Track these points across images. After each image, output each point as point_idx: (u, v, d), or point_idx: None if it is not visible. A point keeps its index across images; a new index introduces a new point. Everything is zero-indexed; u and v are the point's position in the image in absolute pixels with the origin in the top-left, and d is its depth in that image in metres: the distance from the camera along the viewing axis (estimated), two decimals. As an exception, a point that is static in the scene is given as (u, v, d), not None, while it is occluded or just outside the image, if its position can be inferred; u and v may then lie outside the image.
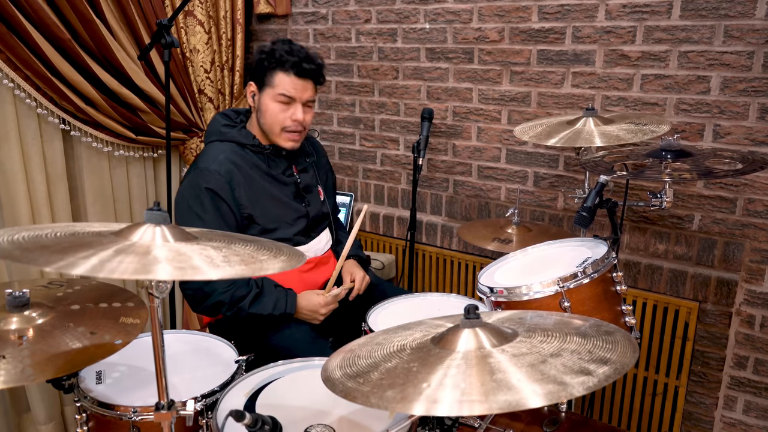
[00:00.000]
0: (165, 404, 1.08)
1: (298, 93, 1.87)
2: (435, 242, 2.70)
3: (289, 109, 1.88)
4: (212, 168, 1.83)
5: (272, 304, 1.81)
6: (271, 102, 1.87)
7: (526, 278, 1.52)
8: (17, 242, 0.98)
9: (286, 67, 1.85)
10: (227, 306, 1.78)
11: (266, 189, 1.91)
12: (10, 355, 1.06)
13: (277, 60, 1.85)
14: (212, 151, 1.90)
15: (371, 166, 2.89)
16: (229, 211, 1.83)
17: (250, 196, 1.87)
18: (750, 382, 2.08)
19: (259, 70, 1.88)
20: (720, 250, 2.08)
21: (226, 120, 1.97)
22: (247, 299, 1.79)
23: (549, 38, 2.26)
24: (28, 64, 2.11)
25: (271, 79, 1.86)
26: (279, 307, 1.81)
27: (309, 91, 1.90)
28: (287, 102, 1.87)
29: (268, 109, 1.88)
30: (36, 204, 2.25)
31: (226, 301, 1.77)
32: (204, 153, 1.92)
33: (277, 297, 1.83)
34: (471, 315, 1.01)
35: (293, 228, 1.97)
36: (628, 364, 0.89)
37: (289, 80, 1.85)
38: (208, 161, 1.86)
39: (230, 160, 1.86)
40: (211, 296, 1.77)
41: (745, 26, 1.91)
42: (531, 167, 2.43)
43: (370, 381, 0.92)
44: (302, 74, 1.86)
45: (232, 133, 1.92)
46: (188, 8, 2.58)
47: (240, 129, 1.94)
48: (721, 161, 1.60)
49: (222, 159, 1.85)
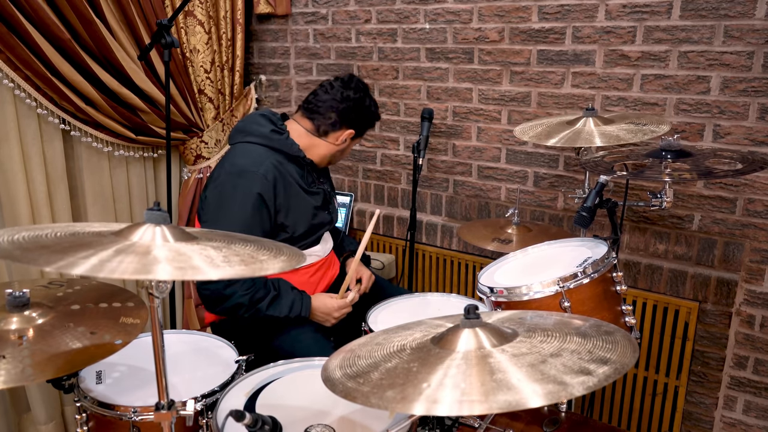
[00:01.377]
0: (165, 404, 1.08)
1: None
2: (435, 242, 2.70)
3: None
4: (260, 172, 1.82)
5: (288, 306, 1.83)
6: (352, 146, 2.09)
7: (526, 278, 1.52)
8: (17, 242, 0.98)
9: (373, 126, 2.11)
10: (246, 308, 1.78)
11: (301, 198, 1.93)
12: (10, 355, 1.06)
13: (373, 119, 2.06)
14: (253, 154, 1.87)
15: (371, 166, 2.89)
16: (267, 218, 1.84)
17: (287, 205, 1.88)
18: (750, 382, 2.08)
19: (363, 122, 2.02)
20: (720, 250, 2.08)
21: (271, 125, 1.93)
22: (265, 301, 1.80)
23: (549, 38, 2.26)
24: (28, 64, 2.11)
25: (365, 131, 2.06)
26: (295, 310, 1.83)
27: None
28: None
29: (347, 150, 2.06)
30: (36, 204, 2.25)
31: (245, 303, 1.78)
32: (242, 153, 1.88)
33: (293, 299, 1.85)
34: (471, 315, 1.01)
35: (317, 234, 2.00)
36: (628, 364, 0.89)
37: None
38: (255, 164, 1.83)
39: (276, 167, 1.85)
40: (231, 298, 1.77)
41: (745, 26, 1.91)
42: (531, 167, 2.43)
43: (370, 381, 0.92)
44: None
45: (281, 141, 1.90)
46: (188, 8, 2.58)
47: (287, 138, 1.92)
48: (721, 161, 1.60)
49: (269, 165, 1.84)
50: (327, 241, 2.10)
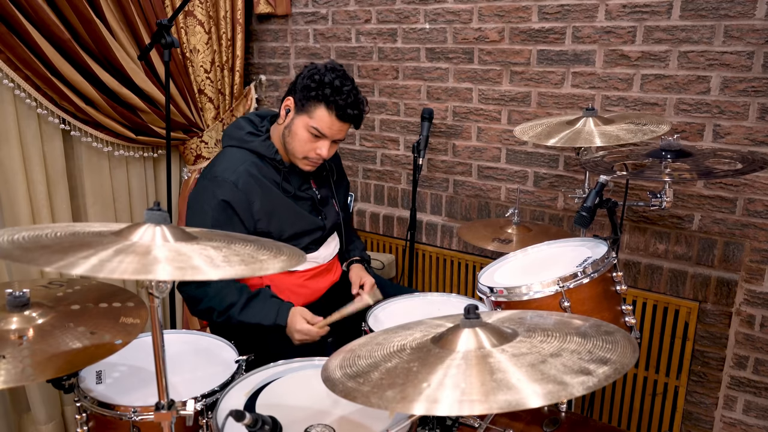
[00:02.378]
0: (165, 404, 1.08)
1: (332, 133, 1.80)
2: (435, 242, 2.70)
3: (317, 142, 1.80)
4: (230, 179, 1.77)
5: (262, 313, 1.76)
6: (303, 130, 1.79)
7: (526, 278, 1.51)
8: (17, 242, 0.98)
9: (330, 106, 1.75)
10: (217, 312, 1.75)
11: (283, 203, 1.86)
12: (10, 355, 1.05)
13: (325, 95, 1.74)
14: (231, 159, 1.83)
15: (371, 166, 2.89)
16: (240, 224, 1.79)
17: (267, 210, 1.83)
18: (750, 382, 2.08)
19: (304, 93, 1.77)
20: (720, 250, 2.08)
21: (251, 127, 1.89)
22: (236, 307, 1.74)
23: (549, 38, 2.26)
24: (28, 64, 2.11)
25: (312, 109, 1.77)
26: (269, 318, 1.75)
27: (343, 132, 1.83)
28: (318, 136, 1.79)
29: (297, 133, 1.80)
30: (36, 204, 2.25)
31: (215, 307, 1.75)
32: (222, 158, 1.86)
33: (269, 308, 1.77)
34: (471, 315, 1.01)
35: (307, 239, 1.95)
36: (627, 364, 0.89)
37: (329, 119, 1.77)
38: (226, 171, 1.79)
39: (249, 172, 1.80)
40: (203, 301, 1.76)
41: (745, 26, 1.91)
42: (531, 167, 2.43)
43: (370, 381, 0.92)
44: (343, 118, 1.78)
45: (255, 143, 1.85)
46: (188, 8, 2.58)
47: (264, 140, 1.87)
48: (721, 161, 1.60)
49: (242, 170, 1.79)
50: (329, 246, 2.07)
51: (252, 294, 1.79)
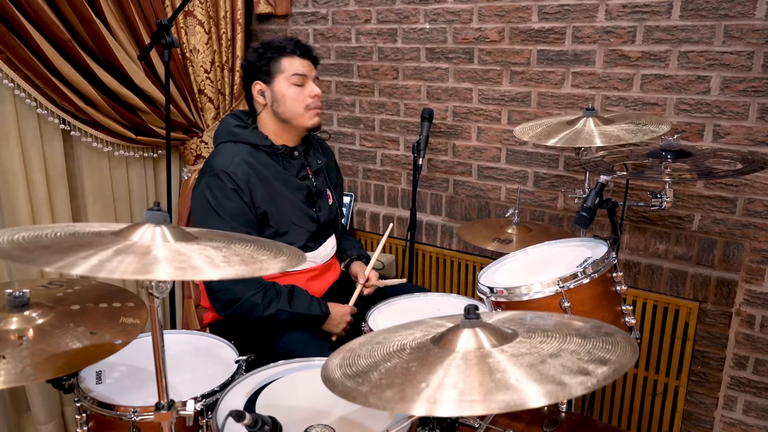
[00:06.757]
0: (165, 404, 1.08)
1: (307, 70, 1.94)
2: (435, 242, 2.70)
3: (305, 88, 1.93)
4: (230, 170, 1.83)
5: (307, 303, 1.84)
6: (287, 87, 1.91)
7: (526, 278, 1.52)
8: (17, 242, 0.98)
9: (288, 52, 1.92)
10: (261, 307, 1.78)
11: (280, 191, 1.92)
12: (10, 355, 1.06)
13: (277, 48, 1.91)
14: (226, 153, 1.89)
15: (371, 166, 2.89)
16: (249, 208, 1.85)
17: (265, 197, 1.88)
18: (750, 382, 2.08)
19: (260, 66, 1.92)
20: (720, 250, 2.08)
21: (237, 121, 1.97)
22: (281, 300, 1.80)
23: (549, 38, 2.26)
24: (28, 64, 2.11)
25: (278, 66, 1.91)
26: (314, 308, 1.84)
27: (314, 70, 1.97)
28: (301, 82, 1.92)
29: (285, 94, 1.91)
30: (36, 204, 2.25)
31: (258, 303, 1.78)
32: (217, 154, 1.91)
33: (311, 297, 1.86)
34: (471, 315, 1.01)
35: (304, 232, 1.97)
36: (627, 364, 0.89)
37: (297, 60, 1.92)
38: (224, 163, 1.85)
39: (246, 161, 1.86)
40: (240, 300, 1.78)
41: (745, 26, 1.91)
42: (531, 167, 2.43)
43: (370, 381, 0.92)
44: (304, 54, 1.94)
45: (245, 134, 1.92)
46: (188, 8, 2.58)
47: (252, 130, 1.94)
48: (721, 161, 1.60)
49: (238, 161, 1.85)
50: (328, 246, 2.08)
51: (288, 287, 1.85)
